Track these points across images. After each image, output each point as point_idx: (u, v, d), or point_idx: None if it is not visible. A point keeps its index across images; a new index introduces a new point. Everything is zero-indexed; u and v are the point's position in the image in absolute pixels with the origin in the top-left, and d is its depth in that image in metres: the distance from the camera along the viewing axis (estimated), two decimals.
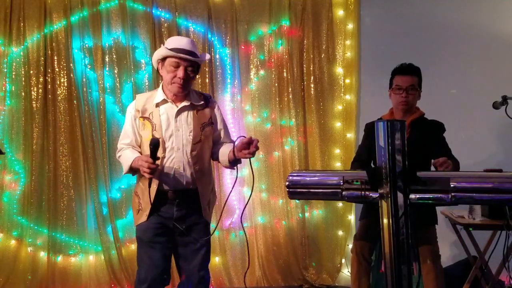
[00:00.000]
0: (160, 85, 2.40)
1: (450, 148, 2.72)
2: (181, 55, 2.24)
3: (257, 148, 2.20)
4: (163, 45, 2.32)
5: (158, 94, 2.35)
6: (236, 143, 2.27)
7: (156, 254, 2.31)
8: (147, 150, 2.21)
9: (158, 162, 2.18)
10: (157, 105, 2.33)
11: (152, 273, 2.30)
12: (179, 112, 2.32)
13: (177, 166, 2.29)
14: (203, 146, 2.35)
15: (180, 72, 2.25)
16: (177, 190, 2.31)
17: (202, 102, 2.39)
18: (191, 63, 2.28)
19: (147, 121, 2.31)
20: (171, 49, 2.25)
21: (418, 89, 2.71)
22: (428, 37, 3.90)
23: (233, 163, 2.36)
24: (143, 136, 2.33)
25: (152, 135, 2.27)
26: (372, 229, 2.62)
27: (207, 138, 2.38)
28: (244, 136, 2.25)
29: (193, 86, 3.77)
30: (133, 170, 2.32)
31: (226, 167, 2.45)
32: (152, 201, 2.28)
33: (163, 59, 2.29)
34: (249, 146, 2.20)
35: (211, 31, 3.85)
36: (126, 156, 2.34)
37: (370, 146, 2.78)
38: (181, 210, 2.32)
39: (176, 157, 2.29)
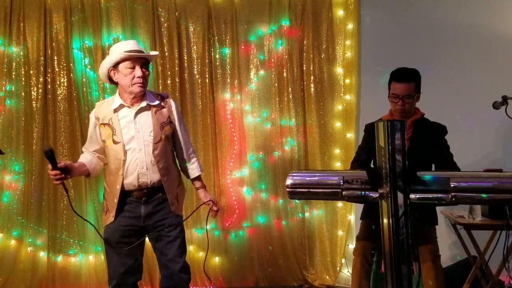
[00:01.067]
0: (117, 92, 2.48)
1: (452, 153, 2.72)
2: (135, 54, 2.33)
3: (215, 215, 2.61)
4: (108, 55, 2.42)
5: (116, 100, 2.44)
6: (210, 200, 2.58)
7: (123, 252, 2.43)
8: (111, 155, 2.41)
9: (58, 171, 2.19)
10: (115, 110, 2.42)
11: (120, 270, 2.44)
12: (137, 114, 2.41)
13: (140, 167, 2.38)
14: (165, 144, 2.45)
15: (138, 72, 2.34)
16: (143, 189, 2.41)
17: (158, 102, 2.47)
18: (144, 61, 2.39)
19: (108, 127, 2.40)
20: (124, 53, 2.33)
21: (414, 96, 2.69)
22: (428, 37, 3.90)
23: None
24: (106, 141, 2.42)
25: (113, 140, 2.38)
26: (375, 229, 2.63)
27: (168, 137, 2.47)
28: (212, 201, 2.58)
29: (195, 86, 3.82)
30: (82, 174, 2.47)
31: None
32: (115, 206, 2.41)
33: (115, 67, 2.37)
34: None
35: (211, 31, 3.85)
36: (79, 160, 2.49)
37: (369, 147, 2.78)
38: (148, 208, 2.43)
39: (139, 158, 2.38)
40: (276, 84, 3.92)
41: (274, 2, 3.90)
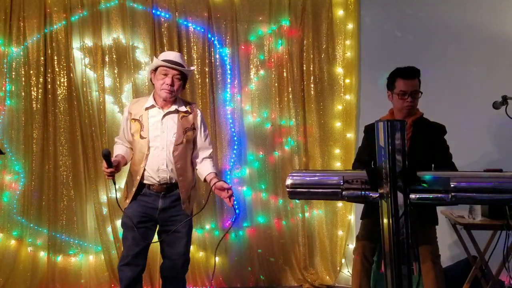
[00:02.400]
0: (152, 93, 2.74)
1: (451, 153, 2.72)
2: (169, 64, 2.61)
3: (232, 200, 2.59)
4: (156, 57, 2.71)
5: (149, 100, 2.71)
6: (215, 182, 2.60)
7: (138, 235, 2.63)
8: (136, 148, 2.67)
9: (113, 168, 2.49)
10: (146, 109, 2.68)
11: (133, 251, 2.63)
12: (165, 116, 2.66)
13: (161, 163, 2.62)
14: (185, 147, 2.68)
15: (168, 80, 2.61)
16: (162, 184, 2.64)
17: (187, 110, 2.72)
18: (178, 73, 2.64)
19: (137, 123, 2.67)
20: (162, 61, 2.62)
21: (420, 92, 2.71)
22: (428, 37, 3.90)
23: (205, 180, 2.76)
24: (134, 135, 2.68)
25: (140, 135, 2.64)
26: (375, 229, 2.62)
27: (189, 141, 2.70)
28: (224, 181, 2.63)
29: (195, 86, 3.82)
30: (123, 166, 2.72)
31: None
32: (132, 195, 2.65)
33: (155, 70, 2.66)
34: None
35: (211, 31, 3.85)
36: (114, 150, 2.77)
37: (370, 148, 2.78)
38: (165, 202, 2.66)
39: (160, 155, 2.62)
40: (276, 84, 3.92)
41: (274, 2, 3.90)
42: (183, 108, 2.71)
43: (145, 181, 2.64)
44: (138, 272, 2.67)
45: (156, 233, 2.76)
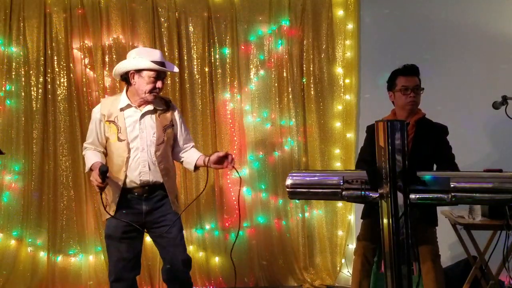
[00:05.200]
0: (124, 90, 2.59)
1: (453, 153, 2.72)
2: (164, 68, 2.49)
3: (233, 163, 2.48)
4: (133, 57, 2.50)
5: (122, 99, 2.56)
6: (211, 157, 2.49)
7: (124, 247, 2.53)
8: (114, 151, 2.52)
9: (106, 181, 2.36)
10: (122, 109, 2.53)
11: (120, 265, 2.53)
12: (143, 116, 2.53)
13: (143, 165, 2.50)
14: (166, 146, 2.58)
15: (160, 84, 2.49)
16: (144, 186, 2.52)
17: (164, 107, 2.61)
18: (165, 74, 2.54)
19: (113, 124, 2.52)
20: (152, 62, 2.44)
21: (422, 88, 2.72)
22: (428, 37, 3.90)
23: (196, 168, 2.66)
24: (110, 138, 2.54)
25: (118, 138, 2.50)
26: (375, 229, 2.62)
27: (169, 139, 2.61)
28: (218, 151, 2.52)
29: (195, 86, 3.82)
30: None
31: (189, 169, 2.72)
32: (117, 201, 2.50)
33: (138, 71, 2.47)
34: (223, 161, 2.47)
35: (211, 31, 3.85)
36: (88, 157, 2.57)
37: (372, 148, 2.77)
38: (149, 205, 2.55)
39: (141, 157, 2.51)
40: (276, 84, 3.92)
41: (274, 2, 3.90)
42: (161, 106, 2.59)
43: (127, 186, 2.51)
44: (132, 282, 2.59)
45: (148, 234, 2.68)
